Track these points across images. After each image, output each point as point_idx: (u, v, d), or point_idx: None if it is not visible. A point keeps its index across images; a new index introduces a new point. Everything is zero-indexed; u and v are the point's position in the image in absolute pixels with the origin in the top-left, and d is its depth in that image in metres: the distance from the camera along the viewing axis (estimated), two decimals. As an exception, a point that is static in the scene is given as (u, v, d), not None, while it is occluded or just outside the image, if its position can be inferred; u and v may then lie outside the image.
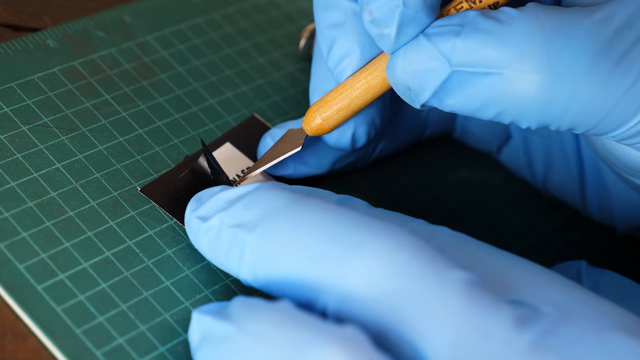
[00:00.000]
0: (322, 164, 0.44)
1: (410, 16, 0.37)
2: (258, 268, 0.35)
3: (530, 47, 0.36)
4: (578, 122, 0.37)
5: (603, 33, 0.36)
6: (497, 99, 0.37)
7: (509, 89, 0.36)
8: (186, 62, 0.47)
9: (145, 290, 0.39)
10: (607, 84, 0.36)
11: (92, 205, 0.40)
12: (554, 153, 0.47)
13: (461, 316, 0.32)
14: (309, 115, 0.41)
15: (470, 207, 0.48)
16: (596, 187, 0.47)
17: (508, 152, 0.49)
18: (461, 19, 0.37)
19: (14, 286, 0.37)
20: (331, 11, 0.41)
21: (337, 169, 0.44)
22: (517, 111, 0.37)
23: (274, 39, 0.51)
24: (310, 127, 0.41)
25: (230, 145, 0.45)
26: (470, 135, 0.49)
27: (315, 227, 0.35)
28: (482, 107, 0.37)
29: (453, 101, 0.38)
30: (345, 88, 0.40)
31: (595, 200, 0.48)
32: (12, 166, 0.40)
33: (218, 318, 0.34)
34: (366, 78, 0.40)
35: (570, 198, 0.48)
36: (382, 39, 0.38)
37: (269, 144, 0.43)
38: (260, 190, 0.36)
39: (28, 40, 0.45)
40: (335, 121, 0.41)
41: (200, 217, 0.37)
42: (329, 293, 0.34)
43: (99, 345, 0.36)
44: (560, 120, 0.37)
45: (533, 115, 0.37)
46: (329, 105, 0.41)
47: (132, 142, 0.43)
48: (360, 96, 0.40)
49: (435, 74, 0.37)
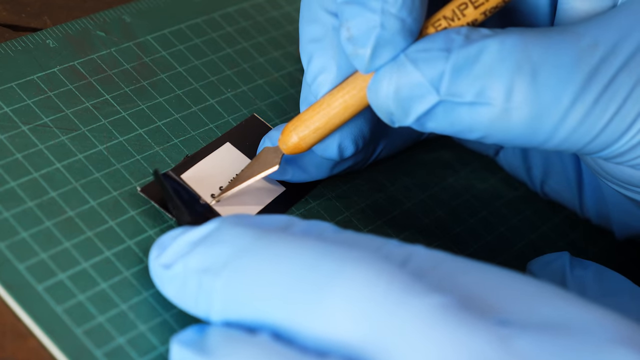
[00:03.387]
0: (321, 170, 0.44)
1: (387, 38, 0.37)
2: (228, 312, 0.34)
3: (519, 78, 0.36)
4: (564, 147, 0.37)
5: (589, 62, 0.36)
6: (483, 126, 0.37)
7: (495, 118, 0.36)
8: (186, 62, 0.47)
9: (145, 290, 0.39)
10: (593, 112, 0.36)
11: (92, 205, 0.40)
12: (552, 159, 0.47)
13: (443, 342, 0.31)
14: (285, 134, 0.41)
15: (469, 207, 0.48)
16: (594, 194, 0.47)
17: (506, 157, 0.49)
18: (446, 43, 0.36)
19: (14, 286, 0.37)
20: (313, 25, 0.40)
21: (336, 173, 0.44)
22: (501, 137, 0.37)
23: (274, 39, 0.51)
24: (287, 146, 0.41)
25: (230, 145, 0.45)
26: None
27: (283, 264, 0.33)
28: (465, 131, 0.37)
29: (435, 125, 0.37)
30: (323, 107, 0.40)
31: (593, 206, 0.48)
32: (12, 166, 0.40)
33: (198, 353, 0.33)
34: (344, 97, 0.39)
35: (568, 202, 0.48)
36: (357, 58, 0.37)
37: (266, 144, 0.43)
38: (222, 228, 0.35)
39: (28, 40, 0.45)
40: (312, 140, 0.40)
41: (163, 265, 0.36)
42: (306, 331, 0.33)
43: (99, 345, 0.36)
44: (545, 144, 0.37)
45: (518, 140, 0.37)
46: (306, 125, 0.40)
47: (132, 142, 0.43)
48: (338, 115, 0.39)
49: (421, 101, 0.37)
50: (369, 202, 0.46)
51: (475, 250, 0.46)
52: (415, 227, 0.46)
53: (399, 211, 0.46)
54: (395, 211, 0.46)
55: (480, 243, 0.46)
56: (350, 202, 0.45)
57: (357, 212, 0.45)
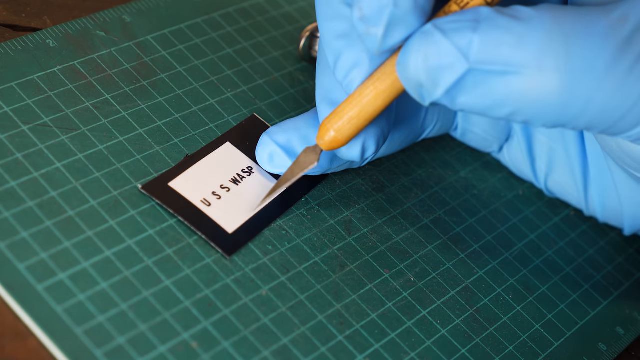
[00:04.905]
0: (320, 164, 0.44)
1: (399, 17, 0.36)
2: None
3: (550, 46, 0.35)
4: (595, 122, 0.37)
5: (620, 32, 0.36)
6: (513, 98, 0.36)
7: (526, 88, 0.36)
8: (186, 62, 0.47)
9: (146, 289, 0.39)
10: (626, 83, 0.36)
11: (92, 205, 0.40)
12: (557, 152, 0.47)
13: None
14: (322, 130, 0.41)
15: (469, 207, 0.48)
16: (600, 188, 0.47)
17: (510, 151, 0.49)
18: (475, 15, 0.36)
19: (14, 286, 0.37)
20: (336, 22, 0.40)
21: (334, 168, 0.44)
22: (533, 111, 0.36)
23: (274, 39, 0.51)
24: (324, 142, 0.41)
25: (230, 145, 0.45)
26: (471, 135, 0.49)
27: None
28: (495, 106, 0.37)
29: (465, 99, 0.37)
30: (355, 97, 0.40)
31: (599, 200, 0.47)
32: (12, 166, 0.40)
33: None
34: (374, 84, 0.39)
35: (572, 198, 0.48)
36: (369, 37, 0.37)
37: (266, 142, 0.43)
38: None
39: (28, 40, 0.45)
40: (348, 132, 0.40)
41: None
42: None
43: (99, 345, 0.36)
44: (577, 120, 0.36)
45: (549, 115, 0.36)
46: (340, 116, 0.40)
47: (132, 142, 0.43)
48: (370, 103, 0.39)
49: (451, 70, 0.36)
50: (369, 202, 0.46)
51: (476, 250, 0.46)
52: (415, 227, 0.46)
53: (399, 211, 0.46)
54: (396, 211, 0.46)
55: (481, 243, 0.46)
56: (351, 202, 0.45)
57: (357, 211, 0.45)
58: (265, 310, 0.40)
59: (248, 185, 0.43)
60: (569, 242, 0.49)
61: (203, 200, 0.42)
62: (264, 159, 0.43)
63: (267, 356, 0.39)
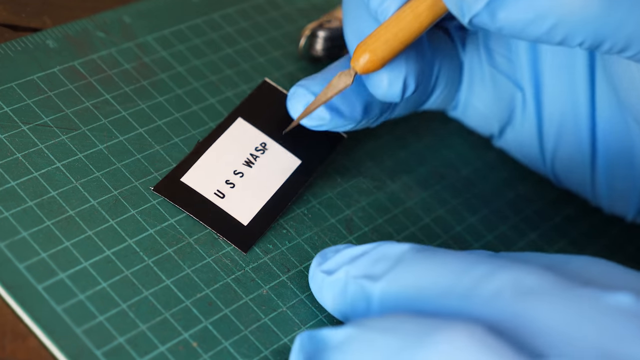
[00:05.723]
0: (355, 112, 0.43)
1: None
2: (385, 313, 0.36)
3: None
4: (634, 38, 0.36)
5: None
6: (556, 8, 0.36)
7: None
8: (186, 62, 0.47)
9: (146, 289, 0.39)
10: None
11: (92, 204, 0.40)
12: (567, 122, 0.46)
13: None
14: (357, 52, 0.40)
15: (471, 206, 0.48)
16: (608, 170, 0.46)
17: (514, 131, 0.48)
18: None
19: (14, 286, 0.37)
20: None
21: (371, 118, 0.44)
22: (574, 21, 0.36)
23: (274, 39, 0.51)
24: (358, 63, 0.40)
25: (243, 120, 0.44)
26: (472, 111, 0.48)
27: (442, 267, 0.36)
28: (536, 19, 0.36)
29: (506, 13, 0.36)
30: (391, 20, 0.39)
31: (605, 180, 0.47)
32: (12, 166, 0.40)
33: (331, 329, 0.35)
34: (411, 6, 0.39)
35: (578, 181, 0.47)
36: None
37: (301, 94, 0.42)
38: (384, 245, 0.38)
39: (28, 41, 0.45)
40: (383, 53, 0.39)
41: (325, 271, 0.39)
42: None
43: (99, 345, 0.36)
44: (617, 33, 0.36)
45: (591, 25, 0.36)
46: (376, 38, 0.39)
47: (132, 141, 0.43)
48: (407, 26, 0.39)
49: None
50: (370, 201, 0.46)
51: (476, 249, 0.46)
52: (416, 226, 0.46)
53: (400, 209, 0.46)
54: (397, 209, 0.46)
55: (482, 242, 0.46)
56: (352, 201, 0.45)
57: (358, 210, 0.45)
58: (265, 309, 0.40)
59: (262, 166, 0.43)
60: (570, 241, 0.49)
61: (217, 192, 0.42)
62: (299, 111, 0.42)
63: (268, 355, 0.39)
